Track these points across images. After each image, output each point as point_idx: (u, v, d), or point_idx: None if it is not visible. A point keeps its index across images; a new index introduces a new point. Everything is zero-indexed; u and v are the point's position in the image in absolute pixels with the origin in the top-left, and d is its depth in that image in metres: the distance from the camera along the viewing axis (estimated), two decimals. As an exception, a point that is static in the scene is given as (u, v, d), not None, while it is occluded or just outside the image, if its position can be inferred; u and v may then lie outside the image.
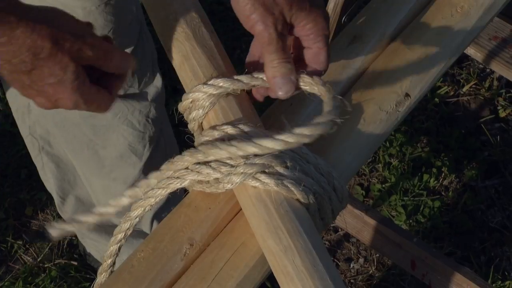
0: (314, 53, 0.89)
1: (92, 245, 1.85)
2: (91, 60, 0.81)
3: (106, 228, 1.73)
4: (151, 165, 1.54)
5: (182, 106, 0.91)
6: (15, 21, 0.75)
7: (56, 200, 1.66)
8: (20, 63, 0.78)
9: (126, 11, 1.31)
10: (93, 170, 1.54)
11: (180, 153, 0.86)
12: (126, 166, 1.50)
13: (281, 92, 0.87)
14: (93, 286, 0.90)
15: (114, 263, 0.90)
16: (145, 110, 1.46)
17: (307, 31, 0.87)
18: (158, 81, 1.45)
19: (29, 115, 1.47)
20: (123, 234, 0.88)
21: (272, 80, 0.86)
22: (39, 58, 0.78)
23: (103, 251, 1.83)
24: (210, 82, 0.87)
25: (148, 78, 1.43)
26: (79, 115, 1.41)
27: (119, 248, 0.90)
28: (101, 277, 0.90)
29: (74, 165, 1.56)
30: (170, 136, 1.60)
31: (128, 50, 1.36)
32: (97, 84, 0.84)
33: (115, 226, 1.71)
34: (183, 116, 0.92)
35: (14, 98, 1.47)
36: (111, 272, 0.89)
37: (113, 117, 1.44)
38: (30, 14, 0.77)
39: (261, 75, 0.88)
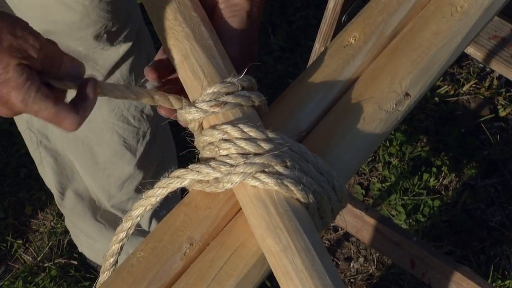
0: None
1: (86, 243, 1.85)
2: (36, 61, 0.80)
3: (105, 225, 1.73)
4: (146, 160, 1.54)
5: None
6: None
7: (56, 195, 1.66)
8: None
9: (121, 9, 1.31)
10: (87, 167, 1.54)
11: (175, 148, 0.86)
12: (121, 164, 1.51)
13: None
14: (95, 285, 0.90)
15: (116, 262, 0.90)
16: (140, 106, 1.46)
17: None
18: None
19: None
20: (125, 233, 0.88)
21: None
22: None
23: (99, 250, 1.83)
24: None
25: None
26: None
27: (121, 247, 0.90)
28: (104, 275, 0.90)
29: (71, 159, 1.56)
30: (166, 132, 1.60)
31: (125, 49, 1.37)
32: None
33: (114, 221, 1.71)
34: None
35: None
36: (114, 271, 0.90)
37: (109, 113, 1.44)
38: None
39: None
